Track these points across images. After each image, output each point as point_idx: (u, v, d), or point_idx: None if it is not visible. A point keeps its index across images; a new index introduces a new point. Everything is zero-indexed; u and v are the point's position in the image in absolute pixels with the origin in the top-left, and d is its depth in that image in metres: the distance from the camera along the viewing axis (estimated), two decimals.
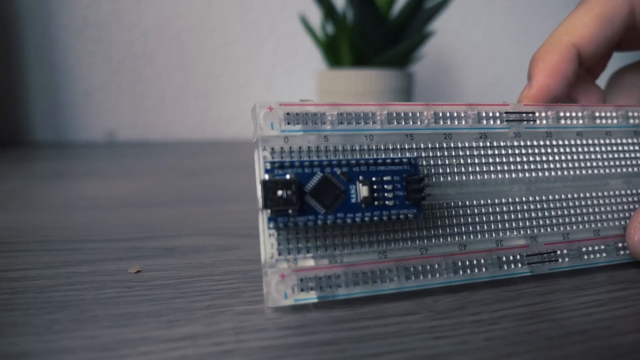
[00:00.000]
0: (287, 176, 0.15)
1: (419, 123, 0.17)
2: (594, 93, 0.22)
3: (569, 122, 0.19)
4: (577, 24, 0.20)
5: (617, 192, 0.19)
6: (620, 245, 0.18)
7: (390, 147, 0.16)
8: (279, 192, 0.14)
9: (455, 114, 0.17)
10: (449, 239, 0.17)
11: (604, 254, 0.18)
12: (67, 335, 0.13)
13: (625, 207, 0.19)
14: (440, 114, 0.17)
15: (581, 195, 0.18)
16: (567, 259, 0.18)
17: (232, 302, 0.16)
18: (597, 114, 0.19)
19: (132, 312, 0.15)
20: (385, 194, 0.15)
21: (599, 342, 0.13)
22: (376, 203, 0.15)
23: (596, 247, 0.18)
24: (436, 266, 0.16)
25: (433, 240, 0.16)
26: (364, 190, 0.15)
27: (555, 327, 0.14)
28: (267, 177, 0.15)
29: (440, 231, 0.16)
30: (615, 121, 0.19)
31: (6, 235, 0.22)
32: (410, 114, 0.17)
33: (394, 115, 0.17)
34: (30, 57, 0.57)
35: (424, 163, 0.17)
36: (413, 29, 0.46)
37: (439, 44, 0.65)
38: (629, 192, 0.19)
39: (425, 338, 0.13)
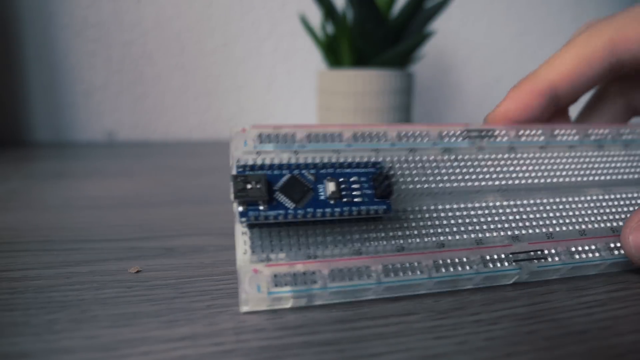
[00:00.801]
0: (257, 172, 0.16)
1: (383, 141, 0.18)
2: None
3: (529, 139, 0.20)
4: (557, 61, 0.20)
5: (594, 198, 0.19)
6: (612, 245, 0.18)
7: (357, 160, 0.17)
8: (249, 185, 0.15)
9: (417, 133, 0.18)
10: (425, 239, 0.17)
11: (597, 254, 0.18)
12: (67, 335, 0.13)
13: (608, 210, 0.19)
14: (403, 133, 0.18)
15: (563, 200, 0.19)
16: (557, 258, 0.18)
17: (232, 302, 0.16)
18: (556, 132, 0.20)
19: (132, 312, 0.15)
20: (353, 192, 0.16)
21: (599, 342, 0.13)
22: (345, 200, 0.16)
23: (586, 247, 0.18)
24: (416, 264, 0.16)
25: (409, 240, 0.17)
26: (331, 186, 0.16)
27: (555, 327, 0.14)
28: (237, 172, 0.15)
29: (416, 232, 0.17)
30: (576, 137, 0.20)
31: (6, 235, 0.22)
32: (375, 133, 0.18)
33: (360, 134, 0.17)
34: (30, 57, 0.57)
35: (391, 173, 0.17)
36: (413, 29, 0.46)
37: (439, 44, 0.65)
38: (606, 197, 0.20)
39: (425, 338, 0.13)
